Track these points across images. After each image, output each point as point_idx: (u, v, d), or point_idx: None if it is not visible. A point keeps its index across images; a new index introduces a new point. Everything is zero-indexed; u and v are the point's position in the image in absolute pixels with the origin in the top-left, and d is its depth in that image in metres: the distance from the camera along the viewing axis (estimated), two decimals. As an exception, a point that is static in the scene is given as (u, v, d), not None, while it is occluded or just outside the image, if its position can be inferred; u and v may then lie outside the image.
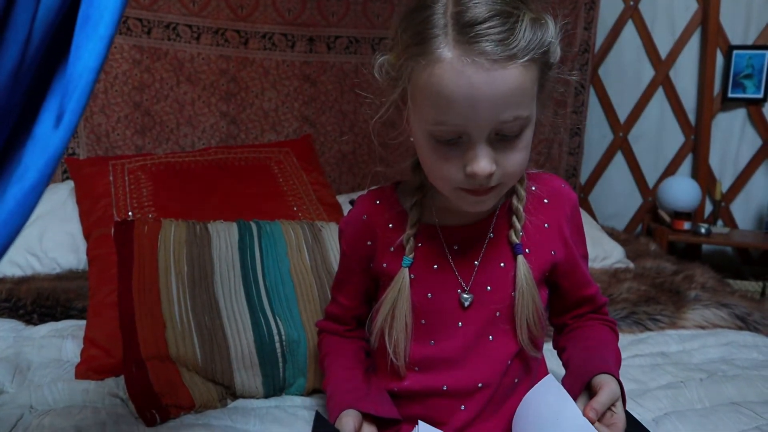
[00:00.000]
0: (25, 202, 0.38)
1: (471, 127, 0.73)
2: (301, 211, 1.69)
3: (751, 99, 2.66)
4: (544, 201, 0.89)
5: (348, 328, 1.00)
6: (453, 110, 0.72)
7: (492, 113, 0.72)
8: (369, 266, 0.93)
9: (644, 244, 2.32)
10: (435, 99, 0.73)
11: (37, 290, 1.51)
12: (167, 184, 1.71)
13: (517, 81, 0.72)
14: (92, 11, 0.38)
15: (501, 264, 0.87)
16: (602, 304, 0.97)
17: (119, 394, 1.11)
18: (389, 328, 0.86)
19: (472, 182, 0.77)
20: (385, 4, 2.43)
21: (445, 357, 0.87)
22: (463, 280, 0.87)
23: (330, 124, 2.43)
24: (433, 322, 0.88)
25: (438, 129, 0.75)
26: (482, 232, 0.88)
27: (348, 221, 0.97)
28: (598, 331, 0.95)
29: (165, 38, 2.23)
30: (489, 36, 0.70)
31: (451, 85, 0.71)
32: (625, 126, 2.78)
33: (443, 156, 0.77)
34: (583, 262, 0.94)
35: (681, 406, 1.11)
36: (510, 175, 0.79)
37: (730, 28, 2.63)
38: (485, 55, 0.70)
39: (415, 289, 0.87)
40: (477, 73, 0.70)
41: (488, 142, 0.75)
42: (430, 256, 0.88)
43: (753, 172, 2.73)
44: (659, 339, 1.47)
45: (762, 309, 1.61)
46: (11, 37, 0.36)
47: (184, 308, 1.15)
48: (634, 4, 2.67)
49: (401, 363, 0.88)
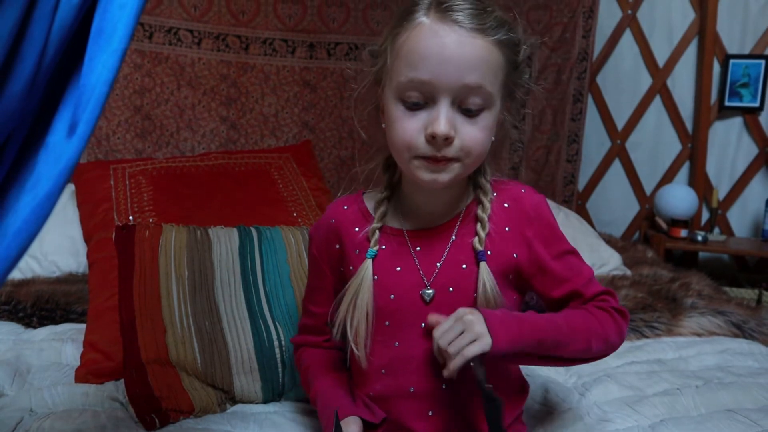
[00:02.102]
0: (40, 211, 0.39)
1: (438, 84, 0.79)
2: (300, 216, 1.70)
3: (747, 108, 2.68)
4: (504, 205, 0.91)
5: (324, 338, 1.01)
6: (424, 65, 0.79)
7: (458, 72, 0.79)
8: (340, 269, 0.96)
9: (641, 252, 2.33)
10: (409, 57, 0.81)
11: (37, 293, 1.51)
12: (168, 189, 1.72)
13: (484, 53, 0.80)
14: (105, 24, 0.39)
15: (463, 266, 0.88)
16: (595, 294, 0.92)
17: (119, 397, 1.12)
18: (351, 318, 0.88)
19: (432, 148, 0.81)
20: (385, 11, 2.45)
21: (409, 358, 0.88)
22: (425, 278, 0.89)
23: (329, 129, 2.44)
24: (397, 323, 0.89)
25: (408, 85, 0.81)
26: (445, 234, 0.91)
27: (317, 226, 1.00)
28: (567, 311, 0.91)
29: (166, 43, 2.24)
30: (463, 10, 0.80)
31: (424, 42, 0.80)
32: (622, 133, 2.80)
33: (408, 119, 0.82)
34: (562, 259, 0.91)
35: (677, 413, 1.12)
36: (467, 151, 0.82)
37: (727, 37, 2.66)
38: (458, 23, 0.79)
39: (378, 291, 0.89)
40: (448, 35, 0.79)
41: (451, 107, 0.81)
42: (393, 258, 0.90)
43: (749, 180, 2.75)
44: (656, 346, 1.48)
45: (758, 317, 1.62)
46: (28, 48, 0.37)
47: (184, 313, 1.16)
48: (632, 13, 2.70)
49: (362, 353, 0.88)
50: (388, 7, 2.45)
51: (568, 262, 0.92)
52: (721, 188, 2.77)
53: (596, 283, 0.93)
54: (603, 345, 0.89)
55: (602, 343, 0.89)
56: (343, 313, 0.89)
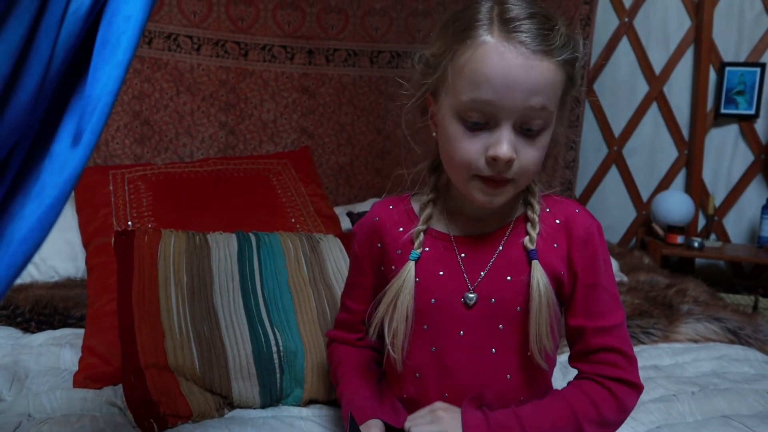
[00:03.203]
0: (45, 219, 0.39)
1: (502, 107, 0.78)
2: (299, 222, 1.70)
3: (743, 115, 2.70)
4: (556, 221, 0.89)
5: (358, 336, 1.01)
6: (489, 87, 0.77)
7: (523, 96, 0.77)
8: (380, 268, 0.95)
9: (638, 258, 2.34)
10: (473, 76, 0.78)
11: (35, 298, 1.51)
12: (167, 195, 1.72)
13: (549, 75, 0.78)
14: (110, 36, 0.40)
15: (507, 277, 0.87)
16: (600, 347, 0.87)
17: (117, 402, 1.12)
18: (390, 319, 0.87)
19: (492, 169, 0.80)
20: (383, 18, 2.46)
21: (445, 364, 0.88)
22: (469, 284, 0.88)
23: (328, 135, 2.45)
24: (435, 328, 0.88)
25: (471, 105, 0.79)
26: (493, 243, 0.89)
27: (361, 224, 0.99)
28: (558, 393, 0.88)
29: (166, 49, 2.25)
30: (530, 30, 0.77)
31: (490, 63, 0.77)
32: (619, 140, 2.81)
33: (468, 139, 0.80)
34: (590, 290, 0.88)
35: (673, 419, 1.13)
36: (525, 172, 0.81)
37: (723, 45, 2.68)
38: (524, 45, 0.77)
39: (418, 293, 0.88)
40: (515, 58, 0.77)
41: (513, 130, 0.79)
42: (436, 262, 0.89)
43: (745, 187, 2.76)
44: (652, 352, 1.48)
45: (754, 323, 1.63)
46: (35, 60, 0.38)
47: (183, 318, 1.16)
48: (628, 21, 2.72)
49: (398, 356, 0.88)
50: (387, 14, 2.47)
51: (597, 297, 0.88)
52: (718, 195, 2.79)
53: (615, 336, 0.87)
54: (597, 428, 0.84)
55: (596, 427, 0.84)
56: (382, 314, 0.88)
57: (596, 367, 0.87)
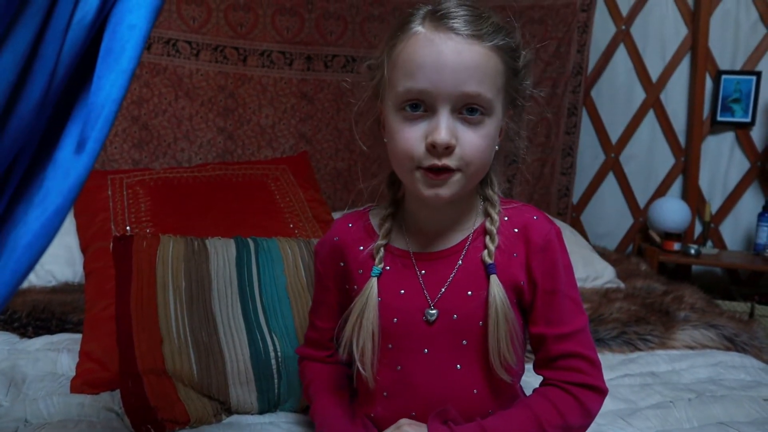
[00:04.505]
0: (49, 226, 0.39)
1: (436, 93, 0.79)
2: (297, 228, 1.70)
3: (739, 122, 2.71)
4: (514, 230, 0.88)
5: (328, 353, 1.00)
6: (421, 74, 0.79)
7: (455, 80, 0.78)
8: (345, 287, 0.95)
9: (635, 264, 2.35)
10: (406, 66, 0.80)
11: (33, 303, 1.51)
12: (165, 200, 1.72)
13: (481, 60, 0.79)
14: (114, 44, 0.40)
15: (468, 292, 0.86)
16: (562, 354, 0.86)
17: (115, 408, 1.12)
18: (357, 337, 0.87)
19: (432, 157, 0.80)
20: (382, 24, 2.47)
21: (411, 383, 0.87)
22: (430, 301, 0.87)
23: (326, 141, 2.46)
24: (399, 347, 0.88)
25: (407, 95, 0.80)
26: (452, 258, 0.88)
27: (322, 242, 0.99)
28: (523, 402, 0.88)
29: (165, 54, 2.26)
30: (459, 17, 0.79)
31: (421, 50, 0.79)
32: (616, 147, 2.82)
33: (407, 129, 0.81)
34: (549, 297, 0.87)
35: (669, 426, 1.13)
36: (469, 160, 0.81)
37: (719, 53, 2.70)
38: (454, 31, 0.79)
39: (382, 312, 0.87)
40: (444, 43, 0.78)
41: (451, 115, 0.80)
42: (398, 280, 0.89)
43: (741, 194, 2.77)
44: (649, 359, 1.49)
45: (750, 330, 1.63)
46: (40, 68, 0.39)
47: (181, 323, 1.16)
48: (626, 29, 2.73)
49: (369, 374, 0.87)
50: (386, 20, 2.48)
51: (557, 304, 0.87)
52: (714, 202, 2.80)
53: (576, 341, 0.87)
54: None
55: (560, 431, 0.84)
56: (349, 333, 0.88)
57: (560, 373, 0.87)
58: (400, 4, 2.47)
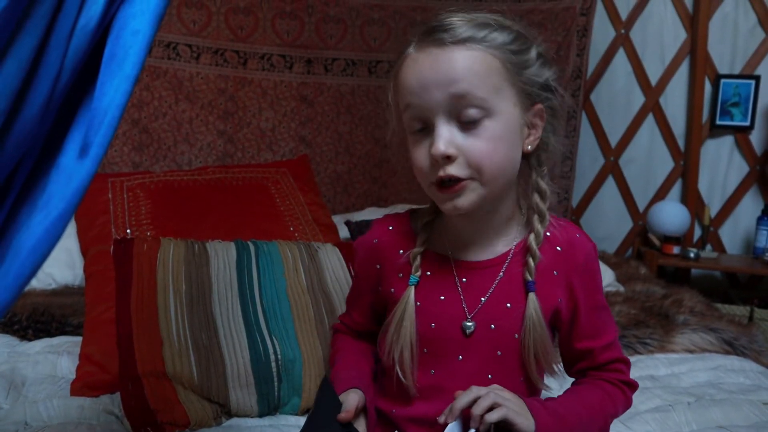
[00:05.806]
0: (53, 230, 0.40)
1: (426, 107, 0.79)
2: (297, 231, 1.71)
3: (738, 126, 2.72)
4: (557, 248, 0.88)
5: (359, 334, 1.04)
6: (409, 93, 0.81)
7: (438, 88, 0.78)
8: (378, 289, 0.95)
9: (634, 268, 2.35)
10: (402, 91, 0.83)
11: (33, 305, 1.51)
12: (166, 203, 1.73)
13: (468, 61, 0.78)
14: (118, 50, 0.41)
15: (507, 304, 0.87)
16: (609, 360, 0.91)
17: (114, 411, 1.12)
18: (395, 346, 0.88)
19: (438, 170, 0.80)
20: (382, 28, 2.48)
21: (443, 387, 0.88)
22: (467, 311, 0.88)
23: (326, 144, 2.46)
24: (435, 352, 0.88)
25: (407, 116, 0.82)
26: (494, 269, 0.88)
27: (360, 243, 0.98)
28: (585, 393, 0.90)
29: (165, 57, 2.26)
30: (447, 29, 0.79)
31: (409, 72, 0.81)
32: (616, 151, 2.83)
33: (416, 148, 0.83)
34: (593, 313, 0.90)
35: (669, 430, 1.13)
36: (477, 166, 0.79)
37: (718, 57, 2.70)
38: (436, 43, 0.79)
39: (419, 318, 0.88)
40: (426, 58, 0.79)
41: (448, 124, 0.79)
42: (437, 287, 0.89)
43: (740, 198, 2.78)
44: (648, 362, 1.49)
45: (749, 334, 1.64)
46: (44, 73, 0.39)
47: (181, 326, 1.16)
48: (625, 33, 2.74)
49: (409, 382, 0.88)
50: (386, 24, 2.49)
51: (599, 318, 0.91)
52: (713, 205, 2.80)
53: (615, 347, 0.93)
54: (611, 420, 0.92)
55: (611, 420, 0.92)
56: (390, 341, 0.88)
57: (605, 374, 0.92)
58: (401, 8, 2.48)
